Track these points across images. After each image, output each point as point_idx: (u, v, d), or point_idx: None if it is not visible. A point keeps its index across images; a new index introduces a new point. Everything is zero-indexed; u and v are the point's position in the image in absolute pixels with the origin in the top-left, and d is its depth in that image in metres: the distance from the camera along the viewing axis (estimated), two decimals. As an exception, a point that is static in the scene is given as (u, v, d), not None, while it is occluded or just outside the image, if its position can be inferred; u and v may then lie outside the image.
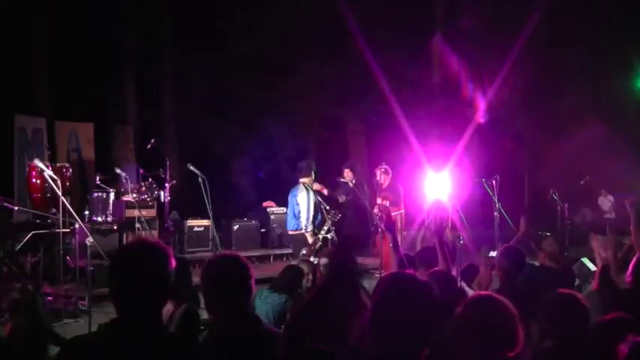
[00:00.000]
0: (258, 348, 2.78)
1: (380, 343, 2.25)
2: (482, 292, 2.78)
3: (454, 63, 15.28)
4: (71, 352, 2.35)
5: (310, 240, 8.47)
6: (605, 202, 15.15)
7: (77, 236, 7.69)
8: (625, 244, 5.51)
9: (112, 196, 10.76)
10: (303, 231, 8.58)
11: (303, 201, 8.56)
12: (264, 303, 5.28)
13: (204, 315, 4.65)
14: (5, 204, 8.88)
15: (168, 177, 11.70)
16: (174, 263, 2.41)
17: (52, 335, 4.68)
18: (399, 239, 9.28)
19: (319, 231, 8.44)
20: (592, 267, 7.03)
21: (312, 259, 7.62)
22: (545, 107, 16.09)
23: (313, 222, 8.62)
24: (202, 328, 4.20)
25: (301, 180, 8.73)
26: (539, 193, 14.41)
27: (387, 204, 9.99)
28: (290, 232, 8.96)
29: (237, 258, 2.98)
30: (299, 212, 8.59)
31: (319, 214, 8.61)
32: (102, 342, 2.29)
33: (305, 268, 5.69)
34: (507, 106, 15.34)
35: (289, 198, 8.81)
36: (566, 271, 6.05)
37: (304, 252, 8.29)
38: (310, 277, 5.57)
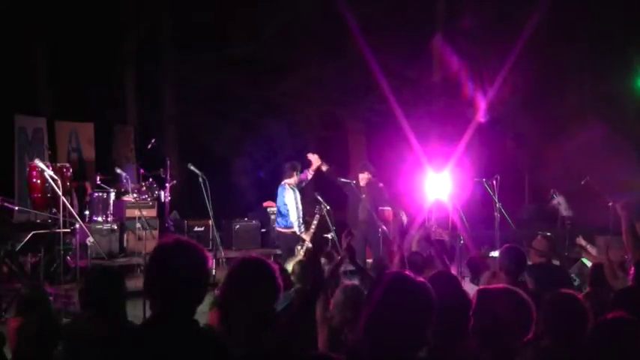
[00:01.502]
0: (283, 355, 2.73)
1: (376, 342, 2.25)
2: (495, 286, 2.79)
3: (454, 63, 15.27)
4: (107, 349, 2.37)
5: (307, 237, 8.76)
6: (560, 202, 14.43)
7: (77, 236, 7.70)
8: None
9: (112, 196, 10.78)
10: (294, 229, 8.88)
11: (291, 201, 8.87)
12: None
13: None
14: (6, 204, 8.89)
15: (168, 177, 11.71)
16: (211, 262, 2.44)
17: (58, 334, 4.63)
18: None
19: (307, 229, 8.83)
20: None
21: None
22: (545, 107, 16.07)
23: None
24: None
25: (285, 181, 9.01)
26: (540, 193, 14.40)
27: None
28: (278, 229, 9.36)
29: (261, 261, 2.90)
30: (287, 211, 8.90)
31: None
32: (137, 339, 2.31)
33: (295, 266, 5.66)
34: (507, 106, 15.33)
35: (277, 198, 9.15)
36: (554, 266, 6.06)
37: (301, 250, 8.49)
38: (297, 276, 5.53)
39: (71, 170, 10.28)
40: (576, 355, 3.05)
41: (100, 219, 10.52)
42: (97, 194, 10.71)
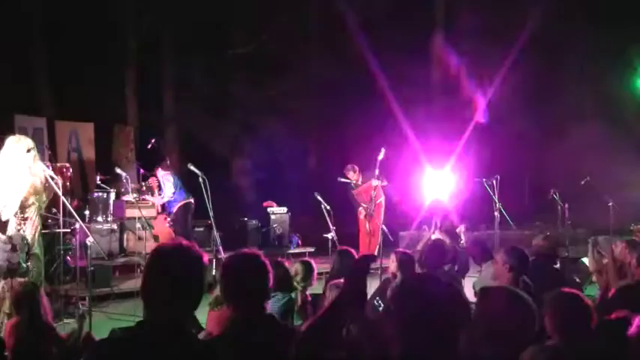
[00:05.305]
0: (273, 347, 2.73)
1: (408, 346, 2.21)
2: (499, 287, 2.76)
3: (454, 62, 15.26)
4: (96, 353, 2.36)
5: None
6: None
7: (77, 236, 7.68)
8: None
9: (112, 196, 10.76)
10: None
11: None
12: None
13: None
14: (5, 204, 8.86)
15: (168, 177, 11.67)
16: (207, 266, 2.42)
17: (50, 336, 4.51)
18: None
19: None
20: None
21: None
22: (545, 107, 16.08)
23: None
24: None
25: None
26: (540, 193, 14.40)
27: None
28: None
29: (255, 256, 2.93)
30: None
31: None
32: (127, 343, 2.28)
33: (298, 267, 5.65)
34: (508, 106, 15.33)
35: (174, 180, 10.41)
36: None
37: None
38: (300, 276, 5.52)
39: (71, 170, 10.26)
40: (583, 353, 3.04)
41: (100, 219, 10.50)
42: (97, 194, 10.70)
